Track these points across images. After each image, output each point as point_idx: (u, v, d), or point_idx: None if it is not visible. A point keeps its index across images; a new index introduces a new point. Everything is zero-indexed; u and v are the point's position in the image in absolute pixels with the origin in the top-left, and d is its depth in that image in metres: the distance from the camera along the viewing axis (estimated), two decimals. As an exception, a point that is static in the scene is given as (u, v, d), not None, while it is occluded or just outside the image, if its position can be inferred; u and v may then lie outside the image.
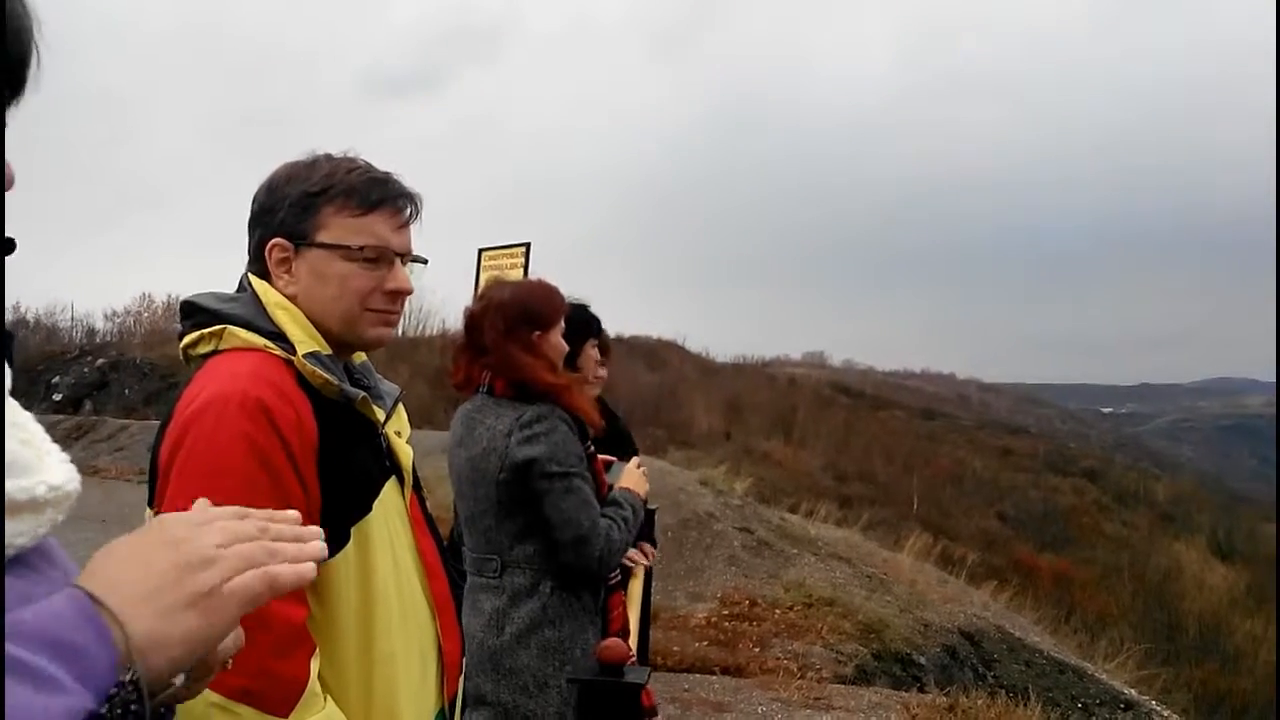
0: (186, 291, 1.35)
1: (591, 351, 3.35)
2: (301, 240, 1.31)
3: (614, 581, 2.26)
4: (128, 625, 0.56)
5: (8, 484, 0.60)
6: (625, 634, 2.22)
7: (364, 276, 1.31)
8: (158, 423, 1.29)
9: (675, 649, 5.70)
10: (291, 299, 1.31)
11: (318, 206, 1.31)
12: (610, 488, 2.29)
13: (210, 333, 1.29)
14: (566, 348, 2.27)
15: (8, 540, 0.59)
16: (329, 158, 1.35)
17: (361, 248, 1.30)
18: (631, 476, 2.35)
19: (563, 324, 2.27)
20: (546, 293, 2.26)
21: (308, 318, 1.32)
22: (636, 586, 2.85)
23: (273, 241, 1.32)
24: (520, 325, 2.17)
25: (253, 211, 1.35)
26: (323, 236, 1.30)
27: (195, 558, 0.61)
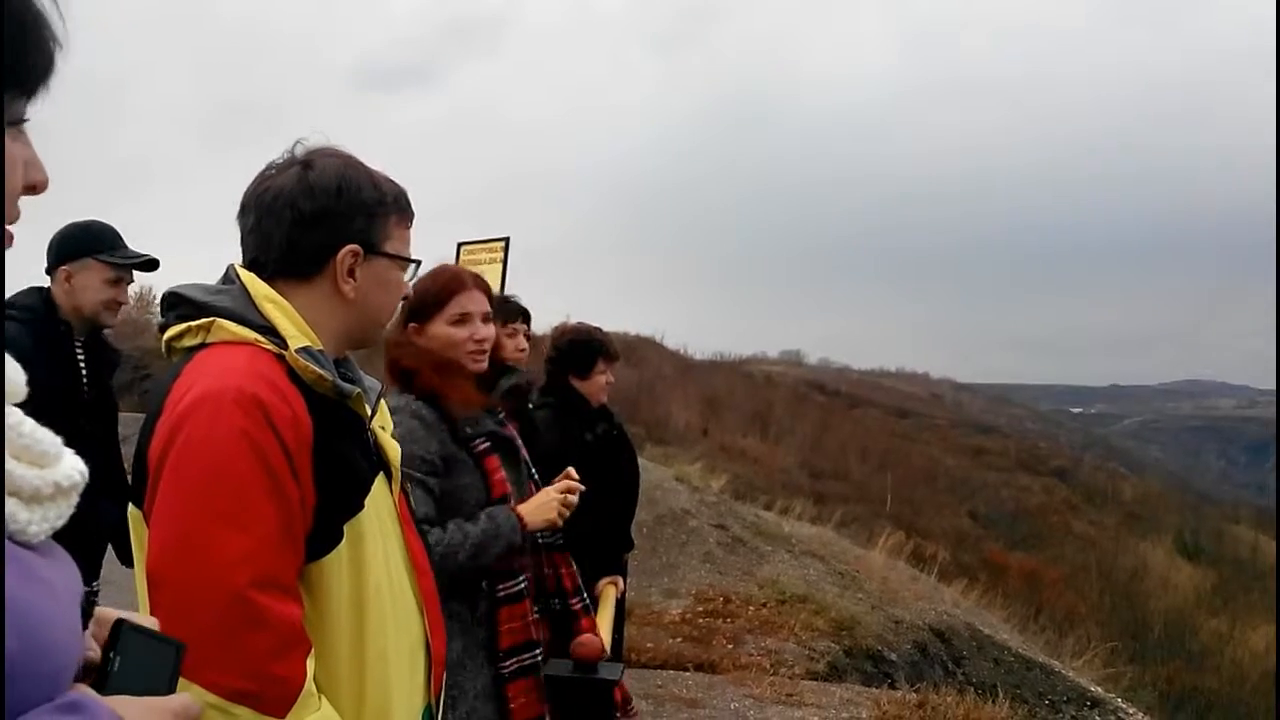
0: (162, 283, 1.33)
1: (599, 378, 3.35)
2: (371, 249, 1.34)
3: (504, 594, 2.03)
4: None
5: (39, 472, 0.66)
6: (528, 649, 2.02)
7: (405, 285, 1.43)
8: (130, 414, 1.27)
9: (649, 645, 5.72)
10: (350, 303, 1.33)
11: (386, 216, 1.36)
12: (504, 495, 2.08)
13: (198, 325, 1.25)
14: (460, 337, 2.08)
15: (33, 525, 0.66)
16: (360, 164, 1.36)
17: (418, 261, 1.41)
18: (534, 501, 2.11)
19: (464, 310, 2.08)
20: (428, 280, 2.11)
21: (357, 321, 1.35)
22: (611, 591, 2.85)
23: (348, 248, 1.32)
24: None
25: (305, 210, 1.29)
26: (389, 247, 1.37)
27: None
